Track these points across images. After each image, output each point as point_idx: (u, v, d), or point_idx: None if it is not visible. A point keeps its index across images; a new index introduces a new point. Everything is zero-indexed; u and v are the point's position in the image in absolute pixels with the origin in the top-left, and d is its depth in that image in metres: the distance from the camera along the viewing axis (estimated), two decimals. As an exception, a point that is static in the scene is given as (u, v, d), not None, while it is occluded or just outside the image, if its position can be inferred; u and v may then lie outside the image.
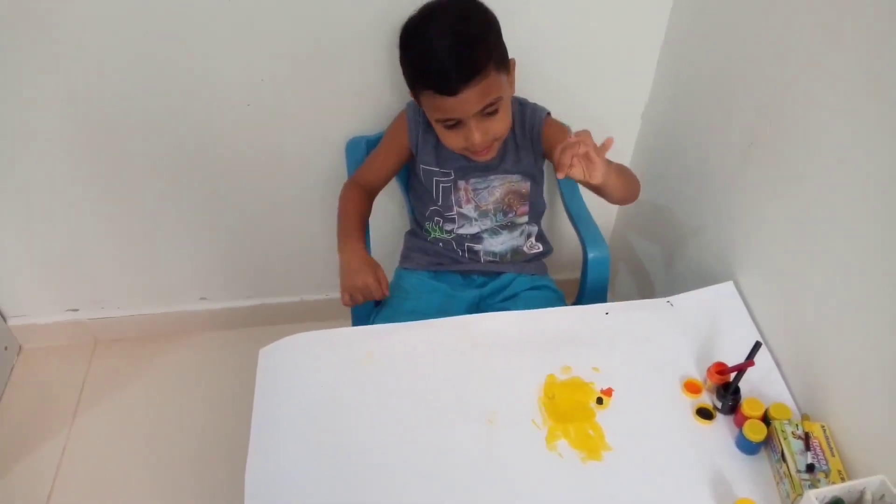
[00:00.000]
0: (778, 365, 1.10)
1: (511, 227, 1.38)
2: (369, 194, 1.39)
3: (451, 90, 1.11)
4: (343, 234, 1.31)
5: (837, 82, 0.95)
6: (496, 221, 1.36)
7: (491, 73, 1.13)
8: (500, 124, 1.21)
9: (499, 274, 1.39)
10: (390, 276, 1.44)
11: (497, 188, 1.33)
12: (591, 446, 1.00)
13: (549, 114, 1.33)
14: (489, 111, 1.16)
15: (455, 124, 1.18)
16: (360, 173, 1.40)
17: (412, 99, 1.27)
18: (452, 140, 1.21)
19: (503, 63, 1.18)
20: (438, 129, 1.22)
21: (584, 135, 1.04)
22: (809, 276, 1.05)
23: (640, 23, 1.43)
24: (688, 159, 1.43)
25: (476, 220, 1.35)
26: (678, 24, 1.40)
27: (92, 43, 1.31)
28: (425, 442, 1.01)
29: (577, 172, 1.06)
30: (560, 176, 1.06)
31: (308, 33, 1.34)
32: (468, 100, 1.12)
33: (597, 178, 1.07)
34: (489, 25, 1.17)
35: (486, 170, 1.32)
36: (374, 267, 1.24)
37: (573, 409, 1.04)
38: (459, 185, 1.33)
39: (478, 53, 1.12)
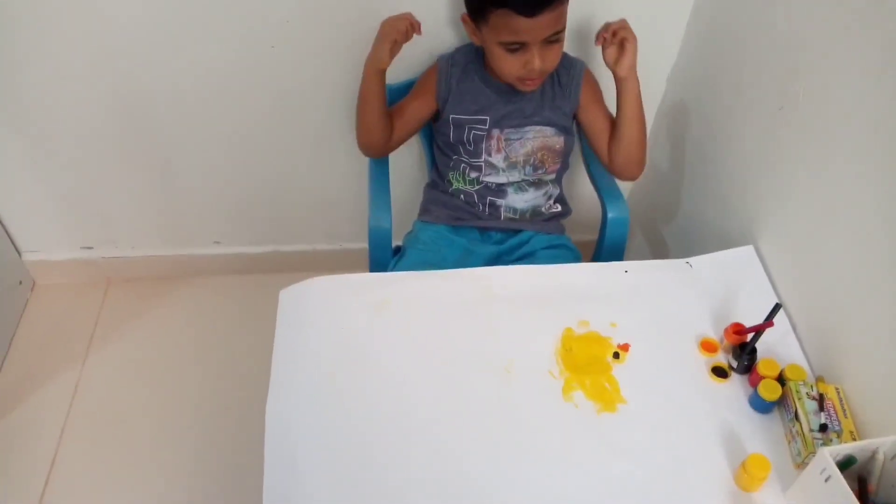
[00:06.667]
0: (794, 328, 1.11)
1: (538, 184, 1.38)
2: (392, 136, 1.37)
3: (531, 11, 1.13)
4: None
5: (876, 49, 0.94)
6: (524, 175, 1.36)
7: (565, 1, 1.17)
8: (557, 56, 1.24)
9: (517, 231, 1.39)
10: (409, 228, 1.44)
11: (530, 141, 1.33)
12: (607, 398, 1.01)
13: (587, 68, 1.34)
14: (553, 39, 1.19)
15: (518, 48, 1.19)
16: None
17: (444, 53, 1.26)
18: (511, 64, 1.22)
19: None
20: (498, 52, 1.21)
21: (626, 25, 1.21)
22: (831, 244, 1.05)
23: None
24: (713, 121, 1.42)
25: (504, 170, 1.35)
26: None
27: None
28: (442, 387, 1.02)
29: (610, 54, 1.23)
30: (597, 44, 1.22)
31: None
32: (542, 24, 1.15)
33: (623, 70, 1.23)
34: None
35: (522, 121, 1.32)
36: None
37: (590, 362, 1.06)
38: (493, 133, 1.32)
39: None
